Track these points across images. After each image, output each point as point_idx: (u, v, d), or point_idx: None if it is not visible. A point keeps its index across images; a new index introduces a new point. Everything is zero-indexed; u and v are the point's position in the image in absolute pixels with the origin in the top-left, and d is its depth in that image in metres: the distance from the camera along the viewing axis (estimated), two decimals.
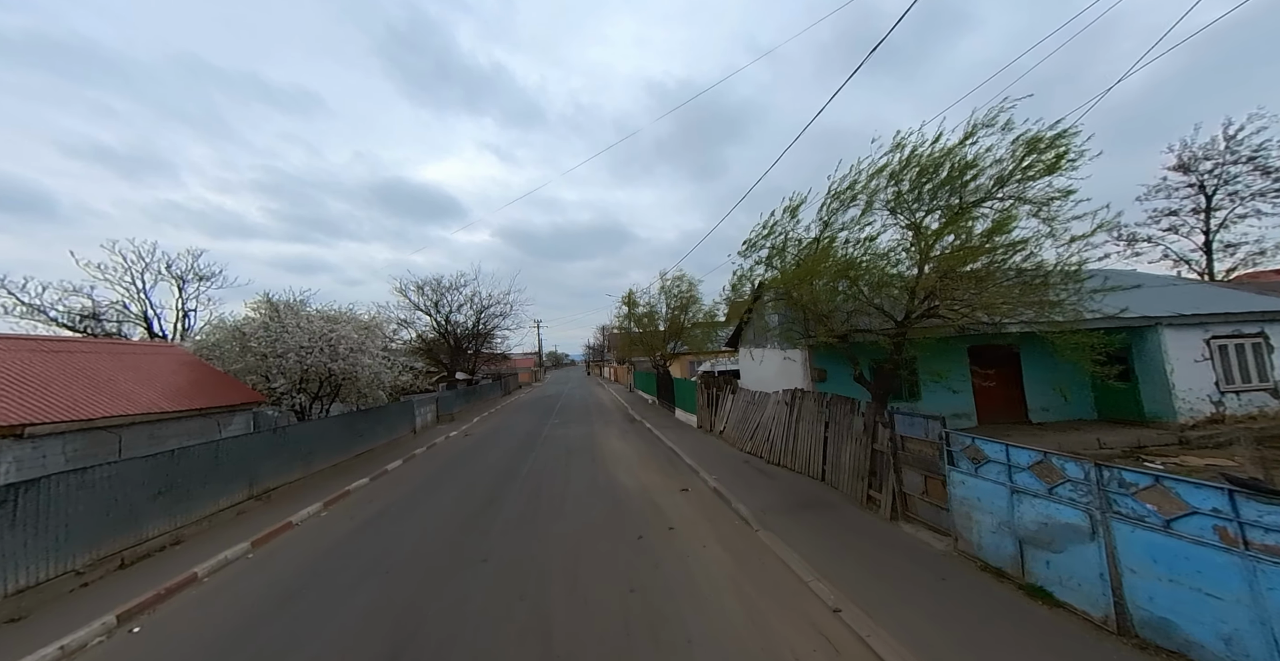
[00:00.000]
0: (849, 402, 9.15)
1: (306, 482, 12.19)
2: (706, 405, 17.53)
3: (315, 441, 12.78)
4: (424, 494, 11.31)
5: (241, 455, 9.91)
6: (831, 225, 10.10)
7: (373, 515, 9.86)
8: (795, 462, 10.86)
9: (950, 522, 6.15)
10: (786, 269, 11.09)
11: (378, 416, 17.02)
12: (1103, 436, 10.50)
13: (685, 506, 9.31)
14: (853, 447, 8.72)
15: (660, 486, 10.84)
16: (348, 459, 14.46)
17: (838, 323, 10.09)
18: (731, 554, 6.96)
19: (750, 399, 14.22)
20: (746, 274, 12.35)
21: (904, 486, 7.27)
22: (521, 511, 9.40)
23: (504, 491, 11.00)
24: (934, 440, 6.54)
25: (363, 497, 11.39)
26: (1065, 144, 7.07)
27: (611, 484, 11.20)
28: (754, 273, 11.82)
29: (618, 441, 17.39)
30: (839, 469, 9.10)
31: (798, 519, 8.00)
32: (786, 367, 13.63)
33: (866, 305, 9.77)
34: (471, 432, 21.95)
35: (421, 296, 30.88)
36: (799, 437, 10.87)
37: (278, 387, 12.32)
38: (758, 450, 12.74)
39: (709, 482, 10.71)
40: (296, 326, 12.12)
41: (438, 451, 17.39)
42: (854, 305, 10.05)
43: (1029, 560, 5.03)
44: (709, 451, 14.03)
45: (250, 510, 10.02)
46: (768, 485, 10.10)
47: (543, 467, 13.36)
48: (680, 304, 25.93)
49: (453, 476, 12.97)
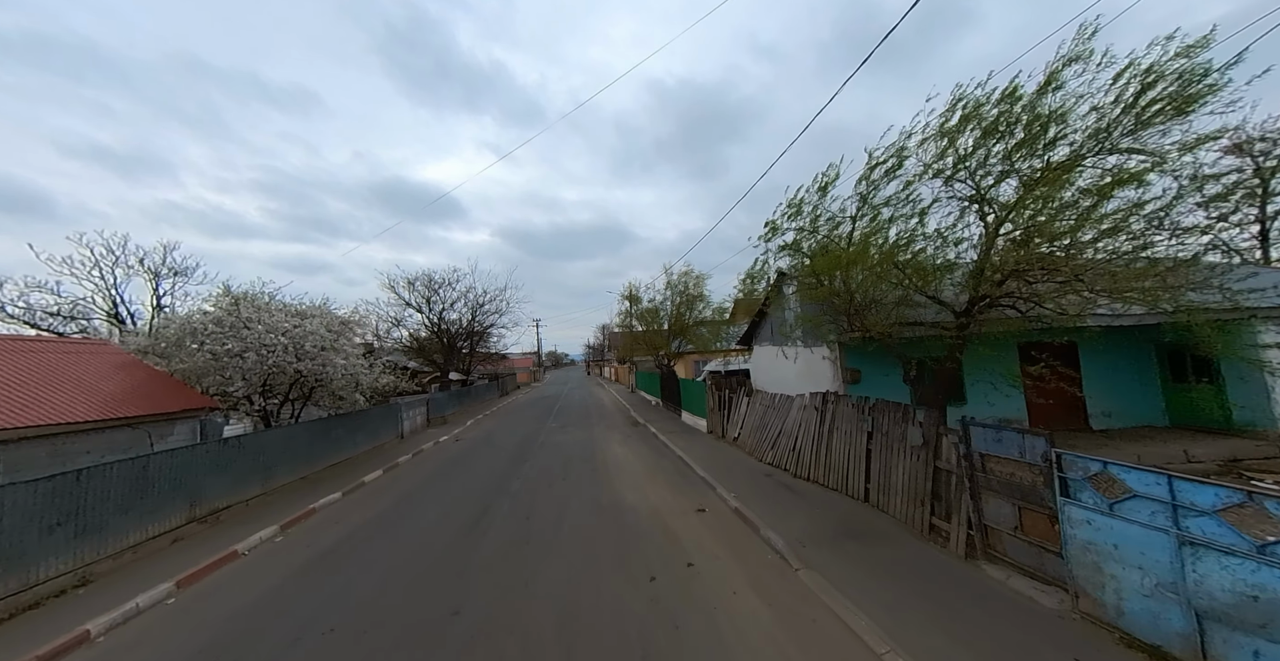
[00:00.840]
0: (899, 409, 7.66)
1: (266, 500, 10.70)
2: (718, 408, 16.04)
3: (279, 451, 11.29)
4: (399, 514, 9.82)
5: (180, 471, 8.43)
6: (871, 201, 8.62)
7: (334, 542, 8.37)
8: (829, 478, 9.37)
9: (1066, 573, 4.67)
10: (817, 254, 9.63)
11: (357, 421, 15.53)
12: (1188, 448, 9.01)
13: (704, 533, 7.81)
14: (908, 464, 7.23)
15: (672, 506, 9.35)
16: (319, 470, 12.97)
17: (880, 316, 8.61)
18: (770, 605, 5.47)
19: (769, 402, 12.73)
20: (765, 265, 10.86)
21: (984, 517, 5.78)
22: (509, 540, 7.90)
23: (491, 512, 9.51)
24: (1035, 462, 5.06)
25: (329, 517, 9.90)
26: (1204, 68, 5.51)
27: (616, 503, 9.71)
28: (777, 259, 10.33)
29: (620, 448, 15.91)
30: (889, 489, 7.61)
31: (845, 553, 6.51)
32: (812, 368, 12.14)
33: (915, 293, 8.29)
34: (463, 437, 20.45)
35: (412, 293, 29.39)
36: (833, 449, 9.38)
37: (234, 391, 10.83)
38: (780, 461, 11.25)
39: (729, 501, 9.22)
40: (258, 321, 10.63)
41: (424, 459, 15.90)
42: (899, 294, 8.58)
43: (1216, 643, 3.55)
44: (723, 461, 12.54)
45: (191, 536, 8.54)
46: (799, 505, 8.61)
47: (537, 480, 11.88)
48: (686, 300, 24.44)
49: (435, 491, 11.48)
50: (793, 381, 13.34)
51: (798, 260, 10.22)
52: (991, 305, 7.34)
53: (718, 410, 16.10)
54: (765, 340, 16.09)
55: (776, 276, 13.37)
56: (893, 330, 8.33)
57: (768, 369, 16.05)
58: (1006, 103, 6.74)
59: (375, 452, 16.76)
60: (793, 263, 10.27)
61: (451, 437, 20.37)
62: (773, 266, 10.73)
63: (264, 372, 10.83)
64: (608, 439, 17.73)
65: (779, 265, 10.97)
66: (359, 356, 13.46)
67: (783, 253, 10.23)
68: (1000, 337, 8.03)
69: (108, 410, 8.34)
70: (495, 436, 20.13)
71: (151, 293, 24.34)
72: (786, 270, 12.16)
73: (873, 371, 10.71)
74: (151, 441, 8.91)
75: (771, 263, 10.62)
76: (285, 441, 11.59)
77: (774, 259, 10.54)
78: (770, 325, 15.25)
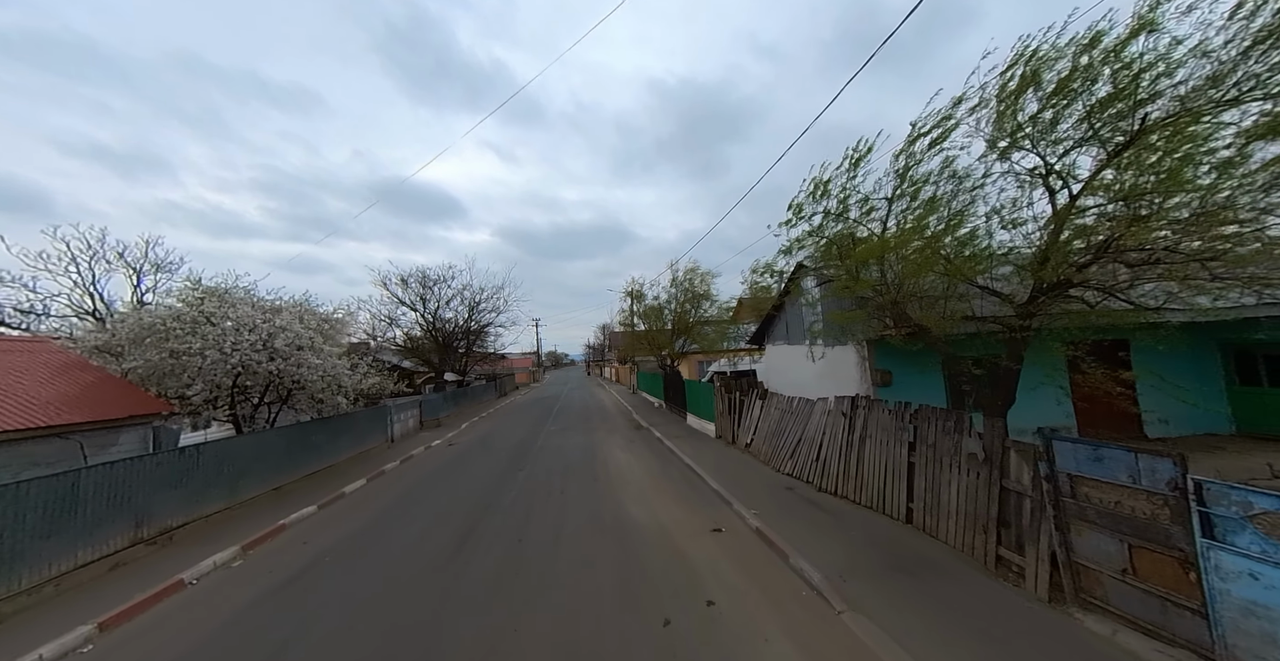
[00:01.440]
0: (949, 417, 6.59)
1: (232, 515, 9.64)
2: (728, 412, 14.96)
3: (249, 460, 10.23)
4: (376, 532, 8.75)
5: (122, 486, 7.37)
6: (911, 178, 7.55)
7: (300, 567, 7.31)
8: (861, 493, 8.30)
9: (1212, 639, 3.60)
10: (843, 240, 8.57)
11: (341, 426, 14.46)
12: (1272, 460, 7.94)
13: (723, 560, 6.74)
14: (964, 483, 6.16)
15: (684, 524, 8.28)
16: (297, 479, 11.91)
17: (929, 310, 7.54)
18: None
19: (786, 406, 11.66)
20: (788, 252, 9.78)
21: (1075, 553, 4.71)
22: (499, 568, 6.83)
23: (480, 530, 8.44)
24: (1156, 490, 3.99)
25: (299, 536, 8.84)
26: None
27: (619, 519, 8.64)
28: (799, 248, 9.24)
29: (623, 453, 14.85)
30: (939, 510, 6.54)
31: (896, 590, 5.44)
32: (835, 369, 11.07)
33: (965, 284, 7.22)
34: (457, 441, 19.39)
35: (406, 291, 28.33)
36: (865, 461, 8.31)
37: (194, 395, 9.76)
38: (801, 472, 10.17)
39: (748, 519, 8.15)
40: (223, 316, 9.56)
41: (412, 466, 14.83)
42: (943, 285, 7.52)
43: None
44: (736, 470, 11.47)
45: (134, 561, 7.48)
46: (830, 526, 7.54)
47: (533, 491, 10.81)
48: (692, 297, 23.37)
49: (420, 504, 10.42)
50: (812, 383, 12.28)
51: (823, 248, 9.15)
52: (1060, 295, 6.27)
53: (727, 414, 15.04)
54: (779, 339, 15.02)
55: (794, 269, 12.33)
56: (944, 326, 7.24)
57: (782, 370, 14.97)
58: (1085, 54, 5.67)
59: (361, 459, 15.71)
60: (818, 251, 9.19)
61: (444, 442, 19.32)
62: (794, 256, 9.65)
63: (229, 373, 9.76)
64: (609, 443, 16.67)
65: (800, 256, 9.90)
66: (339, 356, 12.39)
67: (807, 240, 9.17)
68: (1059, 333, 6.98)
69: (31, 418, 7.27)
70: (491, 440, 19.07)
71: (132, 289, 23.29)
72: (807, 262, 11.11)
73: (905, 373, 9.64)
74: (85, 453, 7.85)
75: (793, 252, 9.54)
76: (256, 449, 10.53)
77: (795, 248, 9.46)
78: (786, 322, 14.18)
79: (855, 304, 8.64)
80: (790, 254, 9.75)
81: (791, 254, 9.77)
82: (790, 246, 9.59)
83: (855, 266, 7.94)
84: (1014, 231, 6.68)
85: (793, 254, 9.77)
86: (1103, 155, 5.75)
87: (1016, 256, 6.61)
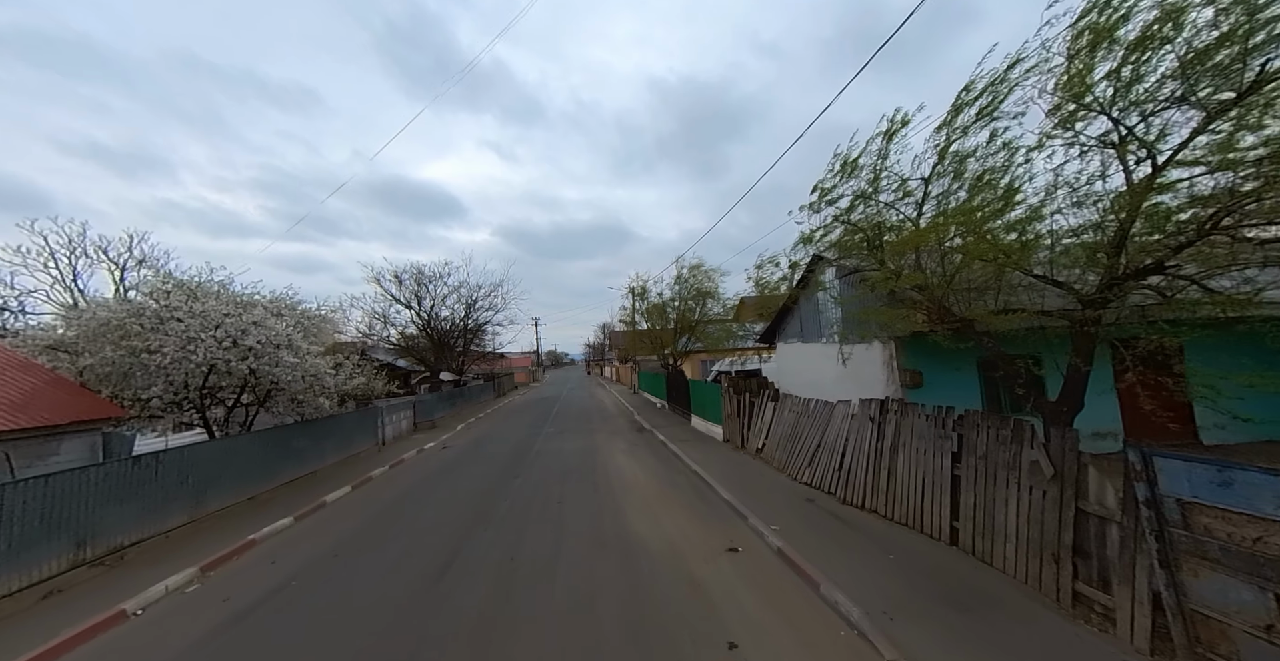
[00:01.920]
0: (1004, 424, 5.70)
1: (197, 529, 8.77)
2: (736, 415, 14.08)
3: (217, 468, 9.36)
4: (354, 550, 7.88)
5: (59, 502, 6.50)
6: (956, 153, 6.66)
7: (262, 593, 6.44)
8: (894, 508, 7.42)
9: None
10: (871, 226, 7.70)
11: (326, 429, 13.58)
12: None
13: (743, 588, 5.86)
14: (1025, 502, 5.28)
15: (695, 542, 7.41)
16: (274, 487, 11.05)
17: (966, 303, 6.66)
18: None
19: (801, 409, 10.78)
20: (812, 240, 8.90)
21: (1189, 598, 3.83)
22: (486, 598, 5.94)
23: (468, 548, 7.56)
24: None
25: (267, 553, 7.96)
26: None
27: (623, 537, 7.76)
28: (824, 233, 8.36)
29: (625, 459, 13.98)
30: (993, 532, 5.65)
31: (953, 632, 4.56)
32: (856, 369, 10.19)
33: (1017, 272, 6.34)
34: (451, 445, 18.53)
35: (401, 288, 27.43)
36: (898, 472, 7.43)
37: (151, 399, 8.85)
38: (822, 482, 9.29)
39: (768, 537, 7.27)
40: (188, 312, 8.68)
41: (402, 472, 13.96)
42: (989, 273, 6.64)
43: None
44: (748, 478, 10.59)
45: (73, 587, 6.60)
46: (862, 547, 6.65)
47: (528, 502, 9.94)
48: (697, 295, 22.49)
49: (404, 516, 9.54)
50: (829, 384, 11.40)
51: (849, 236, 8.28)
52: (1139, 284, 5.40)
53: (736, 416, 14.15)
54: (792, 337, 14.13)
55: (811, 261, 11.46)
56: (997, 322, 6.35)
57: (796, 370, 14.08)
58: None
59: (348, 464, 14.83)
60: (844, 239, 8.31)
61: (438, 445, 18.45)
62: (815, 245, 8.77)
63: (195, 373, 8.86)
64: (610, 447, 15.79)
65: (822, 245, 9.01)
66: (322, 354, 11.50)
67: (833, 226, 8.29)
68: (1110, 329, 6.11)
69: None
70: (486, 443, 18.20)
71: (115, 285, 22.43)
72: (826, 253, 10.22)
73: (937, 374, 8.76)
74: (12, 465, 6.96)
75: (814, 240, 8.65)
76: (225, 456, 9.66)
77: (818, 236, 8.58)
78: (800, 319, 13.30)
79: (884, 298, 7.74)
80: (811, 243, 8.87)
81: (812, 243, 8.89)
82: (810, 235, 8.72)
83: (891, 256, 7.06)
84: (1081, 211, 5.81)
85: (813, 243, 8.89)
86: (1199, 117, 4.87)
87: (1084, 240, 5.73)
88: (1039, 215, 5.71)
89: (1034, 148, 5.99)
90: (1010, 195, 5.98)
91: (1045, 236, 5.75)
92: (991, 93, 6.12)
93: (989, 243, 5.89)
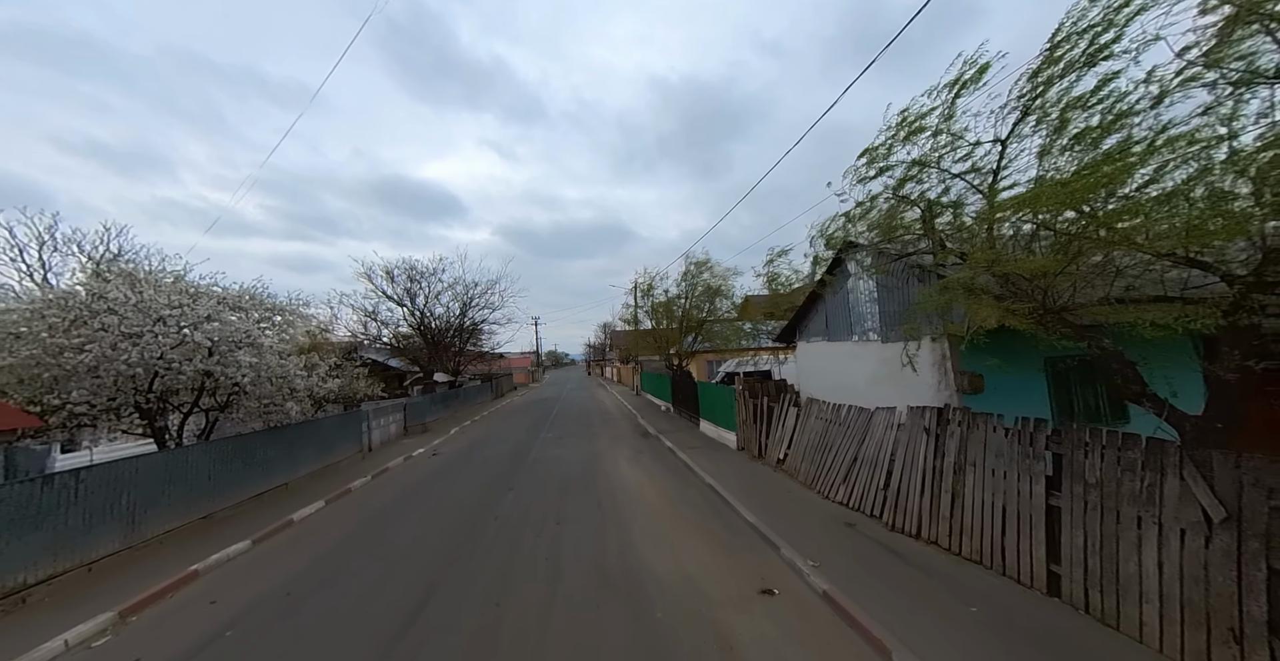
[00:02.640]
0: (1133, 444, 4.40)
1: (132, 558, 7.49)
2: (753, 421, 12.80)
3: (160, 483, 8.09)
4: (312, 584, 6.60)
5: None
6: (1066, 102, 5.33)
7: (189, 645, 5.17)
8: (960, 541, 6.12)
9: None
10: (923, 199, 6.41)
11: (300, 436, 12.31)
12: None
13: (789, 650, 4.58)
14: (1176, 551, 3.98)
15: (719, 579, 6.12)
16: (235, 504, 9.77)
17: (1073, 290, 5.37)
18: None
19: (831, 416, 9.50)
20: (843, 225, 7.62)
21: None
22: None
23: (444, 590, 6.26)
24: None
25: (209, 590, 6.68)
26: None
27: (633, 573, 6.46)
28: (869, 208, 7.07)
29: (630, 468, 12.70)
30: (1122, 587, 4.33)
31: None
32: (896, 370, 8.87)
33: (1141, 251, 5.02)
34: (442, 450, 17.26)
35: (392, 285, 26.16)
36: (965, 496, 6.14)
37: (68, 404, 7.56)
38: (861, 502, 8.00)
39: (808, 576, 5.98)
40: (122, 302, 7.39)
41: (385, 483, 12.69)
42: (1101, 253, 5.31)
43: None
44: (771, 495, 9.31)
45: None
46: (932, 593, 5.35)
47: (521, 522, 8.66)
48: (707, 292, 21.21)
49: (377, 540, 8.26)
50: (861, 388, 10.12)
51: (899, 212, 6.99)
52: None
53: (753, 422, 12.87)
54: (816, 335, 12.83)
55: (842, 248, 10.16)
56: (1107, 314, 5.04)
57: (820, 371, 12.78)
58: None
59: (327, 473, 13.56)
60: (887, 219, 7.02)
61: (428, 451, 17.18)
62: (856, 225, 7.47)
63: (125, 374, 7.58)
64: (613, 455, 14.51)
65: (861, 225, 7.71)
66: (290, 353, 10.23)
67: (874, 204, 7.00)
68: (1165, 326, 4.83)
69: None
70: (480, 449, 16.93)
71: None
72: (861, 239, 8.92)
73: (1004, 375, 7.46)
74: None
75: (855, 221, 7.36)
76: (174, 469, 8.38)
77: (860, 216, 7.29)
78: (825, 314, 12.01)
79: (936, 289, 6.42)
80: (852, 223, 7.58)
81: (853, 223, 7.60)
82: (852, 214, 7.42)
83: (960, 236, 5.75)
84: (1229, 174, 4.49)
85: (854, 223, 7.61)
86: None
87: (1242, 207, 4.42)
88: (1208, 171, 4.34)
89: (1160, 97, 4.68)
90: (1131, 154, 4.68)
91: (1183, 201, 4.46)
92: (1108, 25, 4.83)
93: (1136, 210, 4.51)
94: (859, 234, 7.74)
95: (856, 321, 10.49)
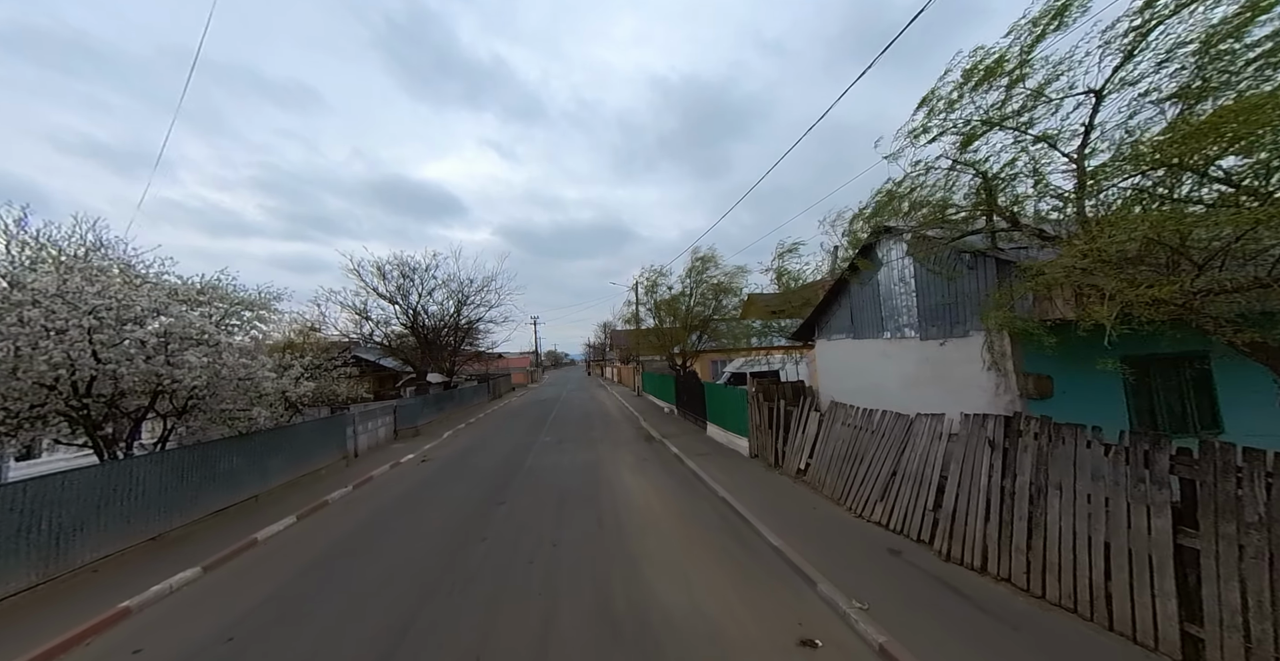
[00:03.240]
0: None
1: (49, 593, 6.40)
2: (769, 426, 11.69)
3: (93, 503, 7.01)
4: (261, 627, 5.50)
5: None
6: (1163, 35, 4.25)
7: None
8: (1041, 581, 5.01)
9: None
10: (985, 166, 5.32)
11: (273, 443, 11.21)
12: None
13: None
14: None
15: (749, 626, 5.02)
16: (188, 523, 8.69)
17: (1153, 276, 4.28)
18: None
19: (863, 423, 8.41)
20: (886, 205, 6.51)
21: None
22: None
23: (414, 640, 5.18)
24: None
25: (137, 634, 5.60)
26: None
27: (643, 614, 5.35)
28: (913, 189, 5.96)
29: (634, 478, 11.61)
30: None
31: None
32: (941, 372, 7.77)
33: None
34: (432, 456, 16.16)
35: (384, 282, 25.06)
36: (1047, 526, 5.03)
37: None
38: (905, 525, 6.90)
39: (855, 623, 4.88)
40: (41, 292, 6.27)
41: (366, 495, 11.59)
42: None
43: None
44: (796, 512, 8.20)
45: None
46: (1017, 654, 4.25)
47: (513, 545, 7.56)
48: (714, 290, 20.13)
49: (347, 568, 7.16)
50: (894, 391, 9.02)
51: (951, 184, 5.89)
52: None
53: (768, 428, 11.76)
54: (839, 332, 11.72)
55: (872, 234, 9.06)
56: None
57: (843, 372, 11.67)
58: None
59: (306, 482, 12.47)
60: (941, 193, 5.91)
61: (418, 457, 16.09)
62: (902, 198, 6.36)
63: (44, 376, 6.46)
64: (616, 462, 13.41)
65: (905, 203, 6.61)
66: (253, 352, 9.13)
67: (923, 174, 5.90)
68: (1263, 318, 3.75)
69: None
70: (472, 455, 15.83)
71: None
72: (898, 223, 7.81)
73: (1073, 379, 6.35)
74: None
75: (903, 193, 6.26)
76: (115, 484, 7.31)
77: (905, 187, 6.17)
78: (849, 310, 10.91)
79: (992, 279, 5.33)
80: (897, 199, 6.47)
81: (898, 200, 6.49)
82: (897, 190, 6.32)
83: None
84: None
85: (899, 200, 6.50)
86: None
87: None
88: None
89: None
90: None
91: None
92: None
93: None
94: (904, 213, 6.63)
95: (889, 317, 9.39)
